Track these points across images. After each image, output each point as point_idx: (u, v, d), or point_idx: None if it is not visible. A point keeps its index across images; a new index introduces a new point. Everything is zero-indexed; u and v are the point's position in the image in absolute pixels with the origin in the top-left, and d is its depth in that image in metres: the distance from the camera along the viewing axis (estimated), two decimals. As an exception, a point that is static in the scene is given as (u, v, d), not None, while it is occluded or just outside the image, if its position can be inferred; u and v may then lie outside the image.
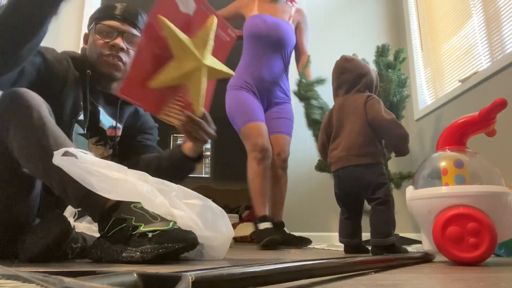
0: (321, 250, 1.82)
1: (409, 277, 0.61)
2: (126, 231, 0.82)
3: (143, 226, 0.82)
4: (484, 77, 1.95)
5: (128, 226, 0.82)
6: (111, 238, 0.84)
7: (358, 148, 1.39)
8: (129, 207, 0.86)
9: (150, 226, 0.82)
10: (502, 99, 0.93)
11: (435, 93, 2.60)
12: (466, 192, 0.87)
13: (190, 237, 0.82)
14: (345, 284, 0.51)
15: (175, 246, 0.79)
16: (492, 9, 1.99)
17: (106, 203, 0.87)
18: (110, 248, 0.83)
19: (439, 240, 0.86)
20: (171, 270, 0.68)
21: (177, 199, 0.96)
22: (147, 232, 0.81)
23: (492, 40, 1.98)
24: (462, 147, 0.99)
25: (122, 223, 0.83)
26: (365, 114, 1.41)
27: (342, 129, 1.45)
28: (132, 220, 0.83)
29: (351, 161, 1.39)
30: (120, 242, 0.83)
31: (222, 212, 1.03)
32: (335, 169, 1.45)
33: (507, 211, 0.87)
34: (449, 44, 2.42)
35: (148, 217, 0.84)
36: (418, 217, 0.96)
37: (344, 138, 1.43)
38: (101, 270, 0.36)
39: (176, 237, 0.80)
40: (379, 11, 3.13)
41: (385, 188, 1.35)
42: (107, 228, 0.85)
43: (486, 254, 0.83)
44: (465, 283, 0.53)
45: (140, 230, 0.81)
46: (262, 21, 2.17)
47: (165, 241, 0.79)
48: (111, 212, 0.86)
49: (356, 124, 1.41)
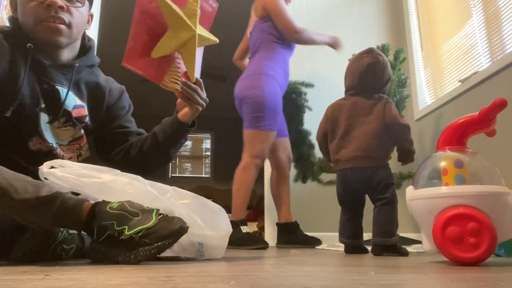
0: (321, 250, 1.82)
1: (409, 277, 0.61)
2: (113, 238, 0.80)
3: (127, 229, 0.80)
4: (484, 77, 1.95)
5: (112, 233, 0.80)
6: (103, 243, 0.82)
7: (374, 150, 1.38)
8: (105, 211, 0.82)
9: (134, 227, 0.80)
10: (502, 99, 0.93)
11: (435, 93, 2.60)
12: (466, 192, 0.87)
13: (176, 228, 0.80)
14: (345, 284, 0.51)
15: (165, 243, 0.79)
16: (492, 9, 1.99)
17: (81, 214, 0.83)
18: (107, 252, 0.82)
19: (439, 240, 0.86)
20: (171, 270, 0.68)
21: (173, 200, 0.96)
22: (132, 235, 0.79)
23: (492, 40, 1.98)
24: (462, 147, 0.99)
25: (106, 230, 0.81)
26: (383, 117, 1.40)
27: (354, 128, 1.43)
28: (114, 225, 0.80)
29: (365, 162, 1.38)
30: (113, 247, 0.81)
31: (220, 208, 1.04)
32: (342, 168, 1.43)
33: (507, 211, 0.87)
34: (449, 44, 2.42)
35: (129, 215, 0.81)
36: (418, 217, 0.96)
37: (357, 138, 1.41)
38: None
39: (163, 234, 0.79)
40: (379, 11, 3.13)
41: (392, 189, 1.36)
42: (95, 236, 0.83)
43: (486, 254, 0.83)
44: (465, 283, 0.53)
45: (126, 235, 0.79)
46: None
47: (154, 241, 0.79)
48: (90, 222, 0.83)
49: (373, 126, 1.40)
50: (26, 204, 0.78)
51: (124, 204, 0.83)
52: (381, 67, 1.46)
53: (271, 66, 2.10)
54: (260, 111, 2.01)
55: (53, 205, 0.80)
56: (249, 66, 2.20)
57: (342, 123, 1.46)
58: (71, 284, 0.48)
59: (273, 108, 2.03)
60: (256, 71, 2.09)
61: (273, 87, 2.06)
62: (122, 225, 0.80)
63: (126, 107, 1.25)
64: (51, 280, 0.52)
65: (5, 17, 2.28)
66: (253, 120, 2.02)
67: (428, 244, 0.94)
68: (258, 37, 2.19)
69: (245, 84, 2.10)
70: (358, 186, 1.41)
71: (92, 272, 0.64)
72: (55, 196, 0.81)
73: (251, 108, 2.03)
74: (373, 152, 1.38)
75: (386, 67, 1.49)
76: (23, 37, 1.03)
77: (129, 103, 1.28)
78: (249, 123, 2.05)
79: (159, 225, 0.80)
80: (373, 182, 1.37)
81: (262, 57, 2.13)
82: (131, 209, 0.82)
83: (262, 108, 2.01)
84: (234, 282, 0.52)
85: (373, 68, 1.45)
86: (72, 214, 0.82)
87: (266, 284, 0.50)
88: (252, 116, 2.03)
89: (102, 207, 0.83)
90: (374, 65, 1.45)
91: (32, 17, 1.01)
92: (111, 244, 0.81)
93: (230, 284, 0.50)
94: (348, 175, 1.41)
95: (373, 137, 1.39)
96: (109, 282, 0.50)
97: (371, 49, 1.49)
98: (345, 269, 0.75)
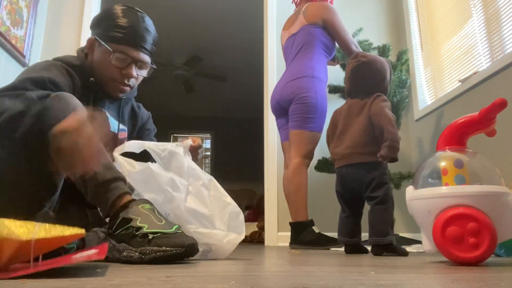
0: (322, 250, 1.81)
1: (409, 277, 0.61)
2: (131, 231, 0.85)
3: (146, 227, 0.84)
4: (484, 77, 1.95)
5: (132, 226, 0.85)
6: (116, 237, 0.88)
7: (362, 146, 1.39)
8: (137, 207, 0.89)
9: (153, 227, 0.84)
10: (502, 99, 0.93)
11: (435, 93, 2.60)
12: (466, 192, 0.87)
13: (189, 243, 0.83)
14: (345, 284, 0.51)
15: (173, 251, 0.81)
16: (492, 9, 1.99)
17: (117, 202, 0.92)
18: (114, 247, 0.87)
19: (439, 240, 0.86)
20: (171, 270, 0.68)
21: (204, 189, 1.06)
22: (148, 233, 0.83)
23: (492, 40, 1.98)
24: (462, 147, 0.99)
25: (128, 223, 0.86)
26: (369, 111, 1.41)
27: (348, 128, 1.46)
28: (138, 221, 0.86)
29: (355, 159, 1.40)
30: (123, 242, 0.86)
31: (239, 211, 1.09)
32: (338, 166, 1.46)
33: (507, 211, 0.87)
34: (449, 44, 2.42)
35: (154, 219, 0.86)
36: (418, 217, 0.96)
37: (349, 136, 1.44)
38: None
39: (175, 242, 0.82)
40: (379, 11, 3.13)
41: (385, 188, 1.35)
42: (115, 227, 0.88)
43: (486, 254, 0.83)
44: (465, 283, 0.53)
45: (143, 231, 0.84)
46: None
47: (164, 244, 0.81)
48: (120, 211, 0.90)
49: (362, 123, 1.41)
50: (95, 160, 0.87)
51: (155, 209, 0.91)
52: (368, 67, 1.47)
53: (321, 70, 2.16)
54: (311, 112, 2.05)
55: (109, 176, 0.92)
56: (295, 67, 2.19)
57: (339, 125, 1.50)
58: (71, 284, 0.48)
59: (323, 111, 2.10)
60: (307, 73, 2.12)
61: (324, 91, 2.13)
62: (144, 223, 0.85)
63: (151, 129, 1.45)
64: (51, 280, 0.52)
65: (5, 17, 2.28)
66: (303, 121, 2.06)
67: (428, 244, 0.94)
68: (306, 40, 2.20)
69: (294, 85, 2.12)
70: (354, 184, 1.42)
71: (92, 272, 0.64)
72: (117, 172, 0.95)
73: (303, 109, 2.06)
74: (362, 148, 1.39)
75: (374, 65, 1.48)
76: (88, 72, 1.18)
77: (153, 127, 1.47)
78: (299, 123, 2.07)
79: (175, 235, 0.84)
80: (366, 180, 1.37)
81: (311, 60, 2.16)
82: (158, 215, 0.89)
83: (314, 110, 2.05)
84: (234, 282, 0.52)
85: (359, 71, 1.49)
86: (113, 197, 0.91)
87: (266, 284, 0.50)
88: (304, 117, 2.06)
89: (137, 203, 0.90)
90: (359, 68, 1.48)
91: (107, 73, 1.18)
92: (123, 239, 0.86)
93: (230, 284, 0.50)
94: (343, 172, 1.44)
95: (362, 133, 1.40)
96: (109, 282, 0.50)
97: (356, 53, 1.53)
98: (345, 269, 0.75)
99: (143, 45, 1.19)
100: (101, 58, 1.18)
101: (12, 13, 2.36)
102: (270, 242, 2.62)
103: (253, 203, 5.68)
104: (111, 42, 1.16)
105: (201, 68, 5.41)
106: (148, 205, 0.91)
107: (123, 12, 1.17)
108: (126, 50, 1.16)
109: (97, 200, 0.94)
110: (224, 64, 5.52)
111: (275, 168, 2.74)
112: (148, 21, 1.20)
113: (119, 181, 0.95)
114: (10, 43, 2.32)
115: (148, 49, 1.21)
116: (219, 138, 7.30)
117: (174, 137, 7.04)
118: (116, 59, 1.17)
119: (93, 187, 0.92)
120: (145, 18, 1.20)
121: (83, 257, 0.61)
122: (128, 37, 1.16)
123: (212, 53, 5.20)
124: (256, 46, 4.76)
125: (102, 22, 1.18)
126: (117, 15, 1.16)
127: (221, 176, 6.84)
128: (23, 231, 0.57)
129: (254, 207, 5.29)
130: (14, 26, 2.38)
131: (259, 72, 5.09)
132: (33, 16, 2.58)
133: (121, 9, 1.18)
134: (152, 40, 1.22)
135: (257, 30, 4.38)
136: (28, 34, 2.53)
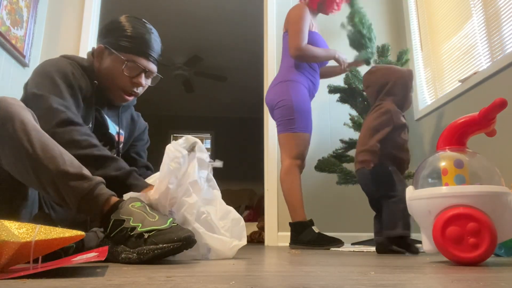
0: (322, 250, 1.81)
1: (409, 277, 0.61)
2: (125, 232, 0.85)
3: (140, 226, 0.83)
4: (484, 77, 1.95)
5: (125, 227, 0.85)
6: (113, 239, 0.87)
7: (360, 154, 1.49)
8: (128, 207, 0.88)
9: (148, 225, 0.83)
10: (502, 99, 0.93)
11: (435, 93, 2.60)
12: (466, 192, 0.87)
13: (185, 236, 0.83)
14: (345, 284, 0.51)
15: (170, 247, 0.81)
16: (492, 9, 1.99)
17: (105, 206, 0.90)
18: (112, 249, 0.86)
19: (439, 240, 0.86)
20: (171, 270, 0.68)
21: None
22: (143, 232, 0.82)
23: (492, 40, 1.98)
24: (462, 147, 0.99)
25: (121, 224, 0.86)
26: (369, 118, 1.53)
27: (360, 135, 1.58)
28: (130, 221, 0.85)
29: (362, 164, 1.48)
30: (121, 243, 0.86)
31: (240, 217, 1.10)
32: (355, 170, 1.56)
33: (507, 211, 0.87)
34: (449, 44, 2.42)
35: (146, 216, 0.85)
36: (418, 217, 0.96)
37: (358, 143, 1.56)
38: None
39: (171, 237, 0.81)
40: (379, 11, 3.12)
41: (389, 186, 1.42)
42: (109, 230, 0.88)
43: (486, 254, 0.83)
44: (465, 283, 0.53)
45: (137, 231, 0.83)
46: (321, 40, 2.27)
47: (160, 241, 0.81)
48: (110, 213, 0.89)
49: (364, 129, 1.52)
50: (67, 176, 0.88)
51: (146, 206, 0.89)
52: (366, 80, 1.62)
53: (296, 72, 2.18)
54: (290, 114, 2.10)
55: (87, 186, 0.89)
56: (277, 75, 2.29)
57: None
58: (71, 284, 0.48)
59: (302, 110, 2.11)
60: (282, 78, 2.19)
61: (300, 91, 2.14)
62: (137, 222, 0.84)
63: (145, 140, 1.47)
64: (51, 280, 0.52)
65: (5, 17, 2.28)
66: (285, 124, 2.11)
67: (428, 244, 0.94)
68: (284, 46, 2.29)
69: (274, 92, 2.20)
70: (366, 187, 1.50)
71: (92, 272, 0.64)
72: (93, 179, 0.91)
73: (282, 113, 2.12)
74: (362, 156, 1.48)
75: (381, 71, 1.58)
76: (93, 74, 1.21)
77: (147, 139, 1.49)
78: (281, 127, 2.14)
79: (170, 230, 0.83)
80: (374, 181, 1.45)
81: (287, 65, 2.22)
82: (150, 212, 0.87)
83: (291, 112, 2.09)
84: (234, 282, 0.52)
85: (365, 79, 1.64)
86: (99, 201, 0.90)
87: (266, 284, 0.50)
88: (284, 120, 2.11)
89: (126, 203, 0.89)
90: (366, 76, 1.64)
91: (116, 81, 1.21)
92: (119, 241, 0.86)
93: (230, 284, 0.50)
94: (358, 176, 1.54)
95: (363, 138, 1.51)
96: (109, 282, 0.50)
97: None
98: (345, 269, 0.75)
99: (153, 55, 1.23)
100: (111, 66, 1.21)
101: (12, 13, 2.36)
102: (270, 242, 2.62)
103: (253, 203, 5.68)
104: (122, 52, 1.20)
105: (201, 68, 5.41)
106: (138, 203, 0.89)
107: (132, 23, 1.21)
108: (137, 59, 1.20)
109: (83, 209, 0.91)
110: (224, 64, 5.51)
111: (275, 168, 2.74)
112: (155, 32, 1.25)
113: (99, 186, 0.92)
114: (10, 43, 2.32)
115: (156, 59, 1.26)
116: (219, 138, 7.30)
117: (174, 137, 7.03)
118: (128, 68, 1.21)
119: (75, 202, 0.90)
120: (152, 29, 1.24)
121: (83, 260, 0.61)
122: (139, 47, 1.20)
123: (212, 53, 5.20)
124: (256, 46, 4.76)
125: (112, 31, 1.21)
126: (126, 25, 1.20)
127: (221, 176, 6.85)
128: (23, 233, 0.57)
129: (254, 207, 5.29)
130: (14, 26, 2.38)
131: (259, 72, 5.09)
132: (33, 16, 2.58)
133: (130, 19, 1.22)
134: (159, 50, 1.27)
135: (257, 30, 4.38)
136: (28, 34, 2.53)
